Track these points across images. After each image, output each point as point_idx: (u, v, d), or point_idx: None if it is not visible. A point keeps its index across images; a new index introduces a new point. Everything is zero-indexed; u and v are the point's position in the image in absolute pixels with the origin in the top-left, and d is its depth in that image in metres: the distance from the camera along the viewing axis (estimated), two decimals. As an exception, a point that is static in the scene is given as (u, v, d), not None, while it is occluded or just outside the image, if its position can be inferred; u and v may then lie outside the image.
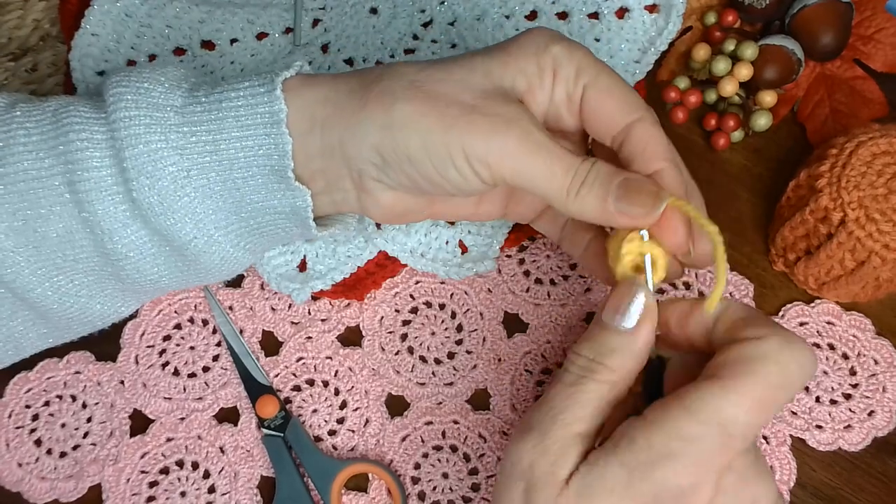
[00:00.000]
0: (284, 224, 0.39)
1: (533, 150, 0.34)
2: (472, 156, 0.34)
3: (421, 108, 0.34)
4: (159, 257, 0.39)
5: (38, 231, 0.37)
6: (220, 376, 0.47)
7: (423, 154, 0.35)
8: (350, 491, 0.45)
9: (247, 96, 0.36)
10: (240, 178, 0.37)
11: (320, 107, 0.36)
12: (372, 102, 0.35)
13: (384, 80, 0.36)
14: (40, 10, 0.53)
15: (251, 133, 0.36)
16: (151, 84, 0.37)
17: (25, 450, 0.46)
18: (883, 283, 0.44)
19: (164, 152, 0.36)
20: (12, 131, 0.37)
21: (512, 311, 0.48)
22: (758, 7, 0.50)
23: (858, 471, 0.44)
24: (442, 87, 0.35)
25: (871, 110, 0.50)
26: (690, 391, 0.31)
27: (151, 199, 0.36)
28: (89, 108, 0.37)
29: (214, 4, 0.54)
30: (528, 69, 0.36)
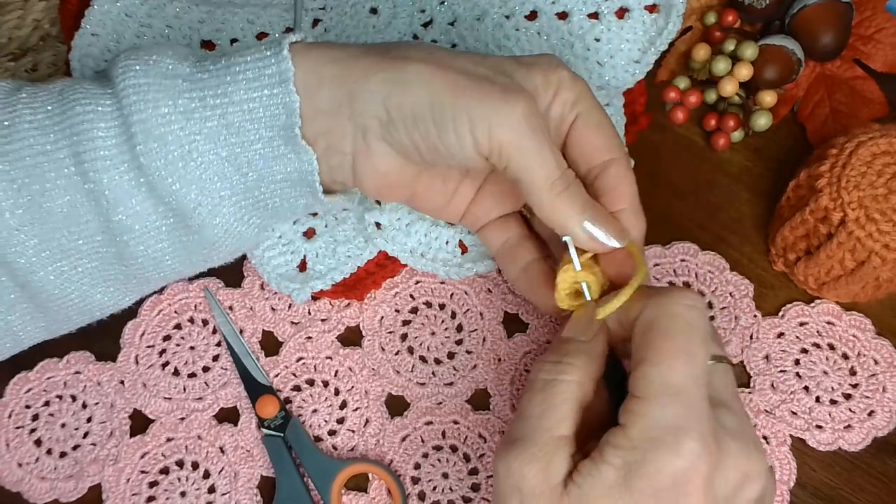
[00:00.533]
0: (289, 193, 0.39)
1: (535, 129, 0.36)
2: (476, 121, 0.36)
3: (434, 70, 0.36)
4: (163, 230, 0.39)
5: (44, 207, 0.37)
6: (220, 376, 0.47)
7: (427, 113, 0.36)
8: (350, 491, 0.45)
9: (254, 60, 0.37)
10: (246, 142, 0.37)
11: (329, 65, 0.37)
12: (387, 62, 0.37)
13: (401, 47, 0.38)
14: (40, 10, 0.53)
15: (258, 94, 0.37)
16: (160, 56, 0.38)
17: (25, 450, 0.46)
18: (883, 283, 0.44)
19: (172, 116, 0.36)
20: (18, 111, 0.37)
21: (512, 310, 0.48)
22: (758, 7, 0.50)
23: (858, 471, 0.44)
24: (457, 60, 0.37)
25: (871, 110, 0.50)
26: (636, 382, 0.33)
27: (158, 164, 0.37)
28: (95, 85, 0.38)
29: (214, 4, 0.54)
30: (535, 78, 0.38)
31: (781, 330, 0.46)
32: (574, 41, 0.52)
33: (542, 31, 0.52)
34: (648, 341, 0.33)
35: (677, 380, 0.32)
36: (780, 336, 0.46)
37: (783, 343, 0.46)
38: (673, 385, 0.32)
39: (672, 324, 0.33)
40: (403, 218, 0.48)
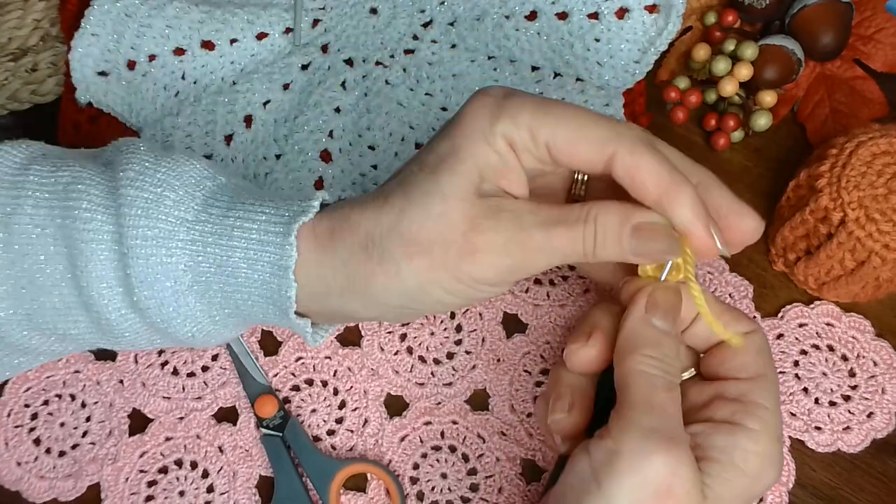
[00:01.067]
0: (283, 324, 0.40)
1: (539, 254, 0.35)
2: (490, 281, 0.35)
3: (426, 265, 0.35)
4: (155, 337, 0.40)
5: (36, 301, 0.38)
6: (219, 376, 0.47)
7: (448, 297, 0.36)
8: (349, 491, 0.45)
9: (260, 231, 0.36)
10: (241, 300, 0.37)
11: (331, 272, 0.36)
12: (378, 272, 0.35)
13: (375, 243, 0.35)
14: (40, 10, 0.53)
15: (258, 269, 0.36)
16: (165, 189, 0.37)
17: (24, 449, 0.46)
18: (883, 283, 0.44)
19: (169, 267, 0.36)
20: (21, 199, 0.37)
21: (511, 311, 0.48)
22: (758, 7, 0.50)
23: (858, 471, 0.44)
24: (428, 232, 0.34)
25: (871, 110, 0.50)
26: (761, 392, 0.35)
27: (150, 305, 0.37)
28: (100, 191, 0.37)
29: (214, 4, 0.54)
30: (489, 162, 0.34)
31: (781, 331, 0.46)
32: (574, 41, 0.52)
33: (541, 31, 0.52)
34: (767, 363, 0.36)
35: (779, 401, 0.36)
36: (779, 337, 0.46)
37: (782, 344, 0.46)
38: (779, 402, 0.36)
39: (770, 350, 0.37)
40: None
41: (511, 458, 0.45)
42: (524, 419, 0.45)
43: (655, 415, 0.33)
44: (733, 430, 0.34)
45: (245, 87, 0.52)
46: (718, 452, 0.33)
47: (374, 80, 0.52)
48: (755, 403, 0.34)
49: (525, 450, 0.45)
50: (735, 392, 0.35)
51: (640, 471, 0.31)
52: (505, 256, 0.34)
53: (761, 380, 0.35)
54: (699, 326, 0.37)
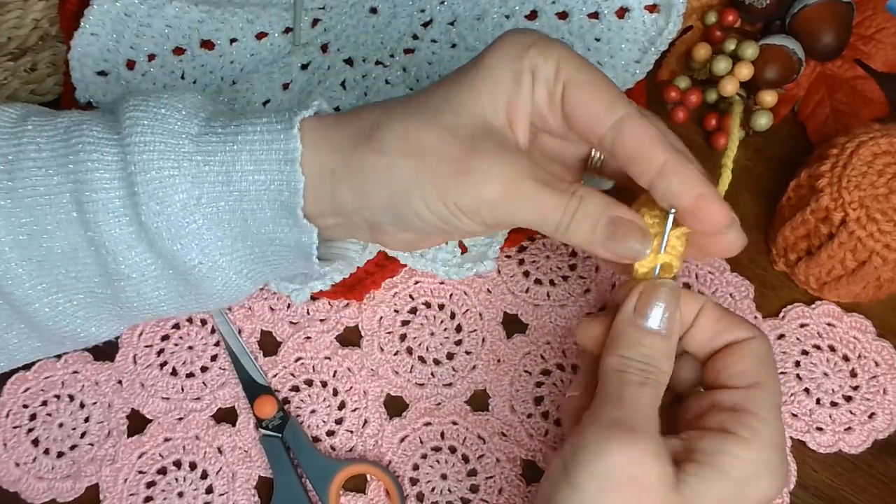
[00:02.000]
0: (289, 255, 0.39)
1: (522, 202, 0.35)
2: (469, 210, 0.35)
3: (416, 167, 0.35)
4: (161, 280, 0.39)
5: (43, 246, 0.37)
6: (219, 376, 0.47)
7: (425, 211, 0.36)
8: (348, 492, 0.45)
9: (263, 132, 0.36)
10: (248, 210, 0.37)
11: (329, 155, 0.36)
12: (370, 158, 0.36)
13: (378, 129, 0.36)
14: (40, 10, 0.53)
15: (264, 168, 0.36)
16: (168, 110, 0.37)
17: (23, 449, 0.46)
18: (884, 283, 0.44)
19: (176, 179, 0.36)
20: (23, 145, 0.37)
21: (511, 311, 0.48)
22: (758, 7, 0.50)
23: (860, 471, 0.44)
24: (431, 137, 0.35)
25: (872, 110, 0.49)
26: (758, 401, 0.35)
27: (159, 224, 0.36)
28: (101, 127, 0.37)
29: (214, 4, 0.54)
30: (504, 82, 0.35)
31: (782, 331, 0.46)
32: (574, 41, 0.52)
33: (541, 30, 0.52)
34: (767, 371, 0.35)
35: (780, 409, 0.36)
36: (780, 338, 0.46)
37: (784, 345, 0.46)
38: (780, 413, 0.35)
39: (775, 361, 0.36)
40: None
41: (511, 459, 0.45)
42: (524, 420, 0.45)
43: (623, 408, 0.33)
44: (723, 437, 0.34)
45: (245, 86, 0.52)
46: (702, 455, 0.33)
47: (373, 79, 0.52)
48: (749, 412, 0.34)
49: (525, 450, 0.45)
50: (730, 401, 0.35)
51: (602, 461, 0.32)
52: (491, 188, 0.35)
53: (758, 388, 0.35)
54: (699, 329, 0.37)
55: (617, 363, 0.35)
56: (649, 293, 0.36)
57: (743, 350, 0.36)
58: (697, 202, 0.34)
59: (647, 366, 0.34)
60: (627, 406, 0.33)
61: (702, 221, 0.35)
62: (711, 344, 0.37)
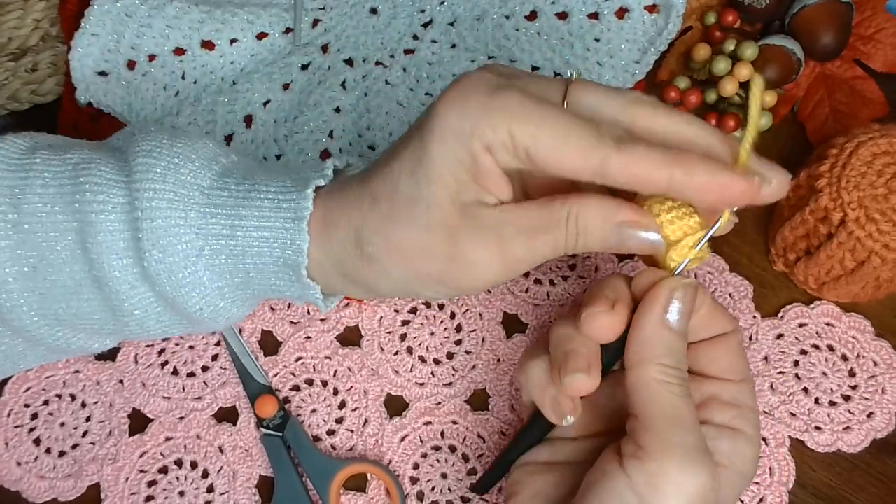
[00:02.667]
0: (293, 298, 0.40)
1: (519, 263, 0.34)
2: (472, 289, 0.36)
3: (410, 270, 0.35)
4: (164, 315, 0.39)
5: (48, 279, 0.37)
6: (219, 376, 0.47)
7: (434, 294, 0.37)
8: (349, 491, 0.45)
9: (276, 191, 0.36)
10: (251, 265, 0.37)
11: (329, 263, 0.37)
12: (369, 269, 0.36)
13: (365, 241, 0.35)
14: (40, 10, 0.53)
15: (271, 225, 0.36)
16: (181, 160, 0.37)
17: (24, 449, 0.46)
18: (883, 283, 0.44)
19: (181, 229, 0.36)
20: (30, 179, 0.37)
21: (511, 311, 0.48)
22: (758, 7, 0.50)
23: (858, 470, 0.44)
24: (412, 242, 0.34)
25: (872, 110, 0.50)
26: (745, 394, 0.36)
27: (160, 271, 0.37)
28: (111, 168, 0.37)
29: (214, 4, 0.54)
30: (461, 169, 0.33)
31: (781, 331, 0.46)
32: (574, 41, 0.52)
33: (541, 31, 0.52)
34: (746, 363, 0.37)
35: None
36: (779, 337, 0.46)
37: (782, 344, 0.46)
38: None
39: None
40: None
41: (511, 458, 0.45)
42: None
43: (688, 430, 0.33)
44: (735, 436, 0.35)
45: (245, 87, 0.52)
46: (726, 458, 0.34)
47: (374, 80, 0.52)
48: (748, 407, 0.36)
49: (525, 450, 0.45)
50: (729, 395, 0.36)
51: (686, 490, 0.32)
52: (488, 268, 0.34)
53: (746, 382, 0.36)
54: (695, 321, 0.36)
55: (660, 372, 0.33)
56: (684, 292, 0.34)
57: (730, 343, 0.37)
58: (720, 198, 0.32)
59: (684, 373, 0.34)
60: (690, 426, 0.33)
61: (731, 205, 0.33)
62: (700, 334, 0.37)
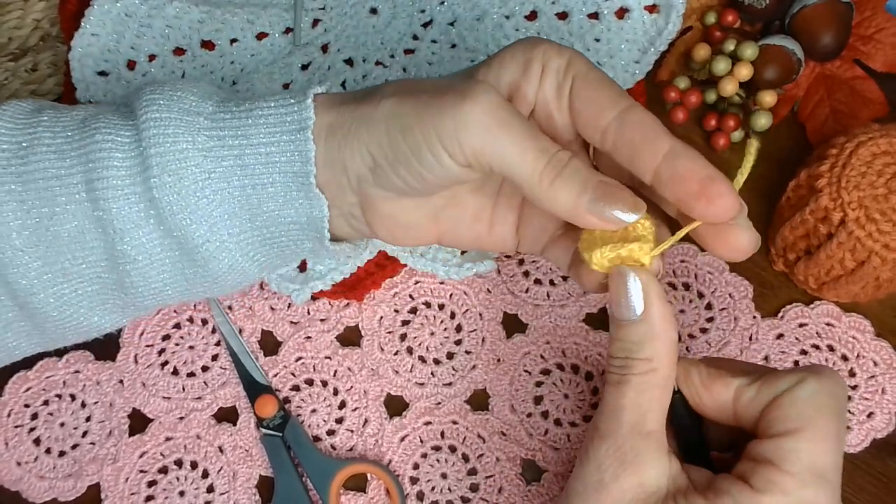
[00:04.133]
0: (297, 235, 0.39)
1: (502, 123, 0.33)
2: (444, 134, 0.34)
3: (401, 100, 0.35)
4: (166, 262, 0.39)
5: (50, 230, 0.37)
6: (219, 376, 0.47)
7: (402, 143, 0.35)
8: (349, 491, 0.45)
9: (277, 106, 0.37)
10: (259, 185, 0.37)
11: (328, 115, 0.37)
12: (364, 104, 0.36)
13: (379, 88, 0.37)
14: (40, 10, 0.54)
15: (276, 139, 0.37)
16: (184, 93, 0.38)
17: (24, 449, 0.46)
18: (883, 283, 0.44)
19: (190, 153, 0.36)
20: (38, 133, 0.38)
21: (511, 311, 0.48)
22: (758, 7, 0.50)
23: (858, 471, 0.44)
24: (427, 85, 0.36)
25: (872, 110, 0.50)
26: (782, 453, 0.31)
27: (171, 198, 0.37)
28: (118, 115, 0.38)
29: (214, 4, 0.54)
30: (513, 65, 0.36)
31: (781, 331, 0.46)
32: (574, 41, 0.52)
33: (542, 31, 0.52)
34: (808, 416, 0.32)
35: (825, 463, 0.31)
36: (779, 337, 0.46)
37: (782, 344, 0.46)
38: (820, 467, 0.31)
39: (834, 404, 0.32)
40: (402, 218, 0.48)
41: (511, 459, 0.45)
42: (524, 419, 0.45)
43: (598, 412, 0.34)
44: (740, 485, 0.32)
45: (245, 87, 0.52)
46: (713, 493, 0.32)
47: (374, 80, 0.52)
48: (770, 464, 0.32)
49: (525, 450, 0.45)
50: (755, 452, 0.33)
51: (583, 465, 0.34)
52: (467, 111, 0.33)
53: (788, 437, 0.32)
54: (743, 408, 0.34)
55: (607, 365, 0.34)
56: (614, 282, 0.34)
57: (782, 398, 0.33)
58: (706, 183, 0.32)
59: (626, 360, 0.33)
60: (603, 409, 0.33)
61: (711, 205, 0.33)
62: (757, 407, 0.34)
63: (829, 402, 0.32)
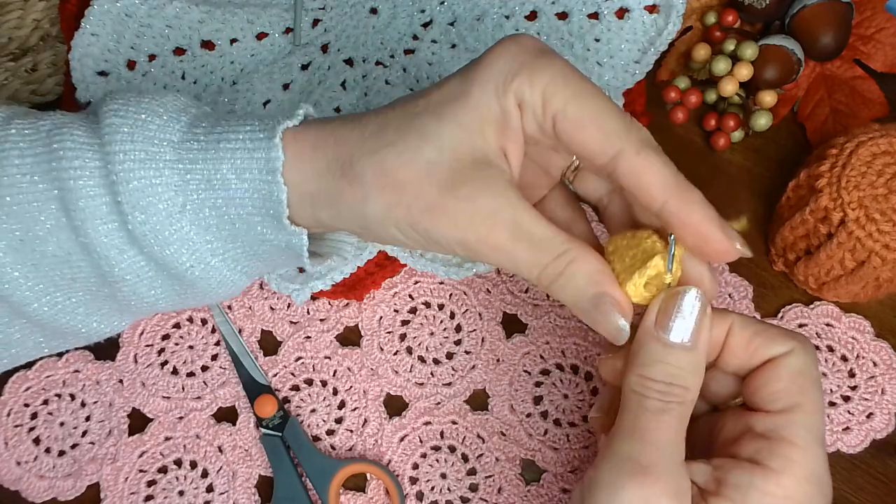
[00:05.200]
0: (280, 255, 0.39)
1: (494, 252, 0.33)
2: (443, 246, 0.34)
3: (391, 203, 0.34)
4: (156, 280, 0.39)
5: (37, 250, 0.37)
6: (219, 375, 0.47)
7: (402, 238, 0.35)
8: (348, 491, 0.45)
9: (245, 139, 0.36)
10: (235, 216, 0.37)
11: (307, 182, 0.36)
12: (347, 191, 0.35)
13: (355, 161, 0.35)
14: (40, 10, 0.54)
15: (246, 177, 0.36)
16: (149, 115, 0.37)
17: (24, 448, 0.46)
18: (883, 283, 0.44)
19: (159, 188, 0.36)
20: (6, 150, 0.37)
21: (511, 311, 0.48)
22: (758, 7, 0.50)
23: (858, 471, 0.44)
24: (409, 173, 0.34)
25: (871, 110, 0.50)
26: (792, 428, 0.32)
27: (146, 232, 0.36)
28: (82, 131, 0.37)
29: (214, 4, 0.54)
30: (491, 117, 0.33)
31: (781, 331, 0.46)
32: (574, 41, 0.52)
33: (542, 31, 0.52)
34: (805, 389, 0.33)
35: (822, 432, 0.32)
36: (779, 337, 0.46)
37: (782, 344, 0.46)
38: (821, 437, 0.32)
39: (817, 374, 0.33)
40: (402, 218, 0.48)
41: (510, 459, 0.45)
42: (524, 419, 0.45)
43: (638, 441, 0.31)
44: (753, 470, 0.31)
45: (245, 86, 0.52)
46: (731, 490, 0.31)
47: (374, 80, 0.52)
48: (784, 440, 0.32)
49: (524, 450, 0.45)
50: (763, 427, 0.32)
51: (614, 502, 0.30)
52: (463, 233, 0.33)
53: (796, 411, 0.32)
54: (731, 350, 0.34)
55: (636, 384, 0.32)
56: (670, 301, 0.33)
57: (779, 367, 0.33)
58: (703, 244, 0.33)
59: (671, 386, 0.32)
60: (644, 439, 0.31)
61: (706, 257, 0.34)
62: (749, 363, 0.34)
63: (817, 374, 0.33)
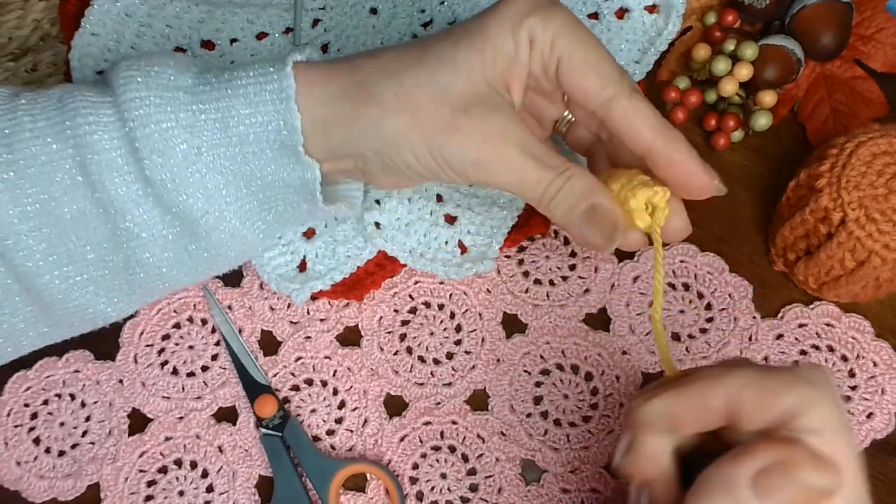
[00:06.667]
0: (293, 198, 0.40)
1: (504, 168, 0.37)
2: (455, 166, 0.37)
3: (407, 122, 0.37)
4: (169, 238, 0.39)
5: (53, 214, 0.37)
6: (219, 376, 0.47)
7: (415, 162, 0.37)
8: (348, 491, 0.45)
9: (256, 75, 0.37)
10: (249, 153, 0.38)
11: (319, 107, 0.38)
12: (363, 111, 0.37)
13: (372, 83, 0.37)
14: (40, 10, 0.54)
15: (260, 110, 0.37)
16: (161, 67, 0.38)
17: (24, 448, 0.46)
18: (883, 283, 0.44)
19: (175, 131, 0.37)
20: (18, 118, 0.38)
21: (511, 311, 0.48)
22: (758, 7, 0.50)
23: (858, 472, 0.44)
24: (426, 94, 0.37)
25: (871, 110, 0.49)
26: None
27: (164, 177, 0.37)
28: (94, 92, 0.38)
29: (214, 4, 0.54)
30: (504, 48, 0.37)
31: (780, 332, 0.46)
32: (574, 41, 0.52)
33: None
34: None
35: None
36: (779, 338, 0.46)
37: (782, 345, 0.46)
38: None
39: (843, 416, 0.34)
40: (403, 218, 0.48)
41: (510, 459, 0.45)
42: (524, 419, 0.45)
43: None
44: None
45: (245, 86, 0.52)
46: None
47: (373, 79, 0.52)
48: None
49: (524, 450, 0.45)
50: None
51: None
52: (477, 150, 0.36)
53: None
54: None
55: None
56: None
57: None
58: (686, 179, 0.38)
59: None
60: None
61: (688, 194, 0.38)
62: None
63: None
